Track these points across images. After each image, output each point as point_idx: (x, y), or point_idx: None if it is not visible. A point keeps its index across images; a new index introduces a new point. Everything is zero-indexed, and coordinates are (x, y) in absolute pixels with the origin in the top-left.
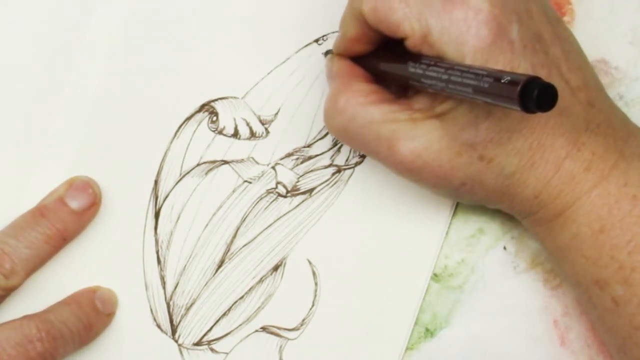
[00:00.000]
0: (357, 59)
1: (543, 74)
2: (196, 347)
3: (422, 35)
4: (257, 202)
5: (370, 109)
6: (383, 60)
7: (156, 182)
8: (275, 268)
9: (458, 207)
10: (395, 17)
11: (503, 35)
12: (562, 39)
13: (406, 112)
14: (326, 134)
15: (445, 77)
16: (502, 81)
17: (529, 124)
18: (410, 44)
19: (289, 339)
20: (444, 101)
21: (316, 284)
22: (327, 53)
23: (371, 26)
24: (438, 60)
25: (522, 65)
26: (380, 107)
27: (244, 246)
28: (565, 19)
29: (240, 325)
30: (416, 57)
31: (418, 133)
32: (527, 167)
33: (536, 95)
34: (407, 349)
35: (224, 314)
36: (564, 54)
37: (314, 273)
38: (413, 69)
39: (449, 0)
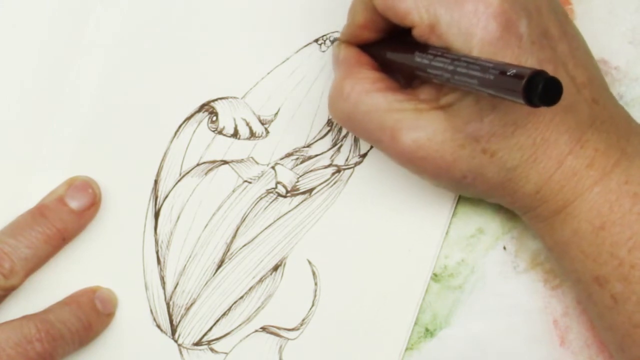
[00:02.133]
0: (365, 47)
1: (549, 70)
2: (196, 347)
3: (430, 25)
4: (257, 202)
5: (375, 97)
6: (390, 49)
7: (156, 182)
8: (275, 268)
9: (458, 206)
10: (404, 5)
11: (511, 30)
12: (569, 36)
13: (411, 102)
14: (326, 134)
15: (451, 67)
16: (508, 74)
17: (533, 119)
18: (417, 33)
19: (288, 339)
20: (449, 93)
21: (316, 284)
22: (334, 40)
23: (379, 13)
24: (445, 51)
25: (529, 61)
26: (385, 96)
27: (243, 246)
28: None
29: (240, 325)
30: (423, 47)
31: (422, 124)
32: (529, 162)
33: (541, 89)
34: (407, 349)
35: (224, 314)
36: (571, 51)
37: (314, 273)
38: (420, 58)
39: None
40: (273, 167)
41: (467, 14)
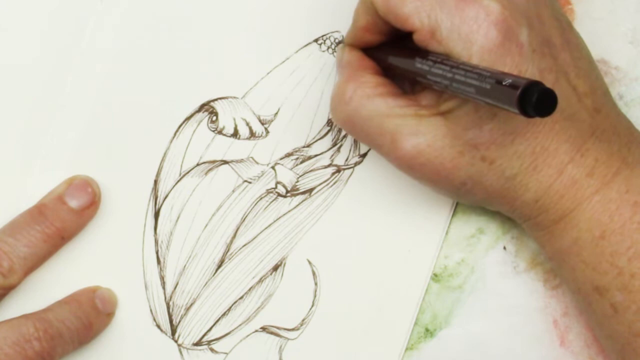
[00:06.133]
0: (368, 51)
1: (550, 79)
2: (196, 347)
3: (431, 30)
4: (257, 202)
5: (376, 101)
6: (392, 53)
7: (156, 182)
8: (275, 268)
9: (458, 207)
10: (405, 9)
11: (512, 37)
12: (572, 45)
13: (412, 108)
14: (326, 134)
15: (449, 75)
16: (504, 83)
17: (533, 127)
18: (417, 38)
19: (288, 339)
20: (449, 99)
21: (316, 284)
22: (339, 43)
23: (381, 16)
24: (445, 58)
25: (529, 69)
26: (386, 100)
27: (243, 246)
28: None
29: (240, 325)
30: (424, 53)
31: (422, 129)
32: (529, 170)
33: (535, 100)
34: (407, 349)
35: (224, 314)
36: (573, 60)
37: (313, 273)
38: (420, 64)
39: None
40: (273, 167)
41: (467, 21)
